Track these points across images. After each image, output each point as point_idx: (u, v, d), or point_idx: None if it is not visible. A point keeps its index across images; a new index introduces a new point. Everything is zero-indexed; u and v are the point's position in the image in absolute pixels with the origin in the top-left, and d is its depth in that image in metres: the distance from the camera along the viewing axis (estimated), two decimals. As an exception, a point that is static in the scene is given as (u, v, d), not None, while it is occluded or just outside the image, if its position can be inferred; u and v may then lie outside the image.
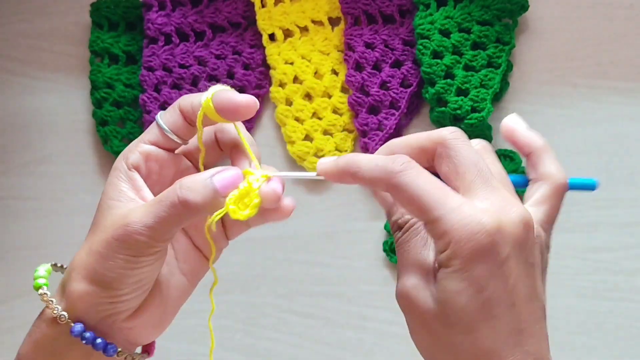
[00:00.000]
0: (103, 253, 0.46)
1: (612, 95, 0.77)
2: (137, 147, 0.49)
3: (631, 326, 0.74)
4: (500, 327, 0.41)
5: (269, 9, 0.83)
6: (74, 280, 0.47)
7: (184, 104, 0.48)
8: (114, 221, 0.46)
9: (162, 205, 0.45)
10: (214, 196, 0.45)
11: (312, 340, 0.80)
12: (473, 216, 0.41)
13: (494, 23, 0.77)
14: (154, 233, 0.45)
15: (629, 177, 0.76)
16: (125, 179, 0.48)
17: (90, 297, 0.47)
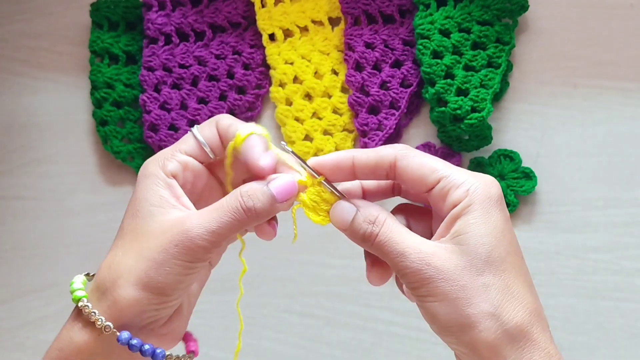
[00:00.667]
0: (159, 259, 0.46)
1: (612, 95, 0.77)
2: (175, 156, 0.50)
3: (631, 326, 0.74)
4: (520, 271, 0.46)
5: (269, 9, 0.83)
6: (122, 287, 0.47)
7: (222, 125, 0.50)
8: (168, 227, 0.47)
9: (224, 211, 0.47)
10: (272, 203, 0.47)
11: (312, 340, 0.80)
12: (479, 175, 0.47)
13: (494, 23, 0.77)
14: (216, 238, 0.46)
15: (629, 177, 0.76)
16: (165, 185, 0.49)
17: (140, 305, 0.47)
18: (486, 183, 0.46)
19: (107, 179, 0.86)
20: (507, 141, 0.78)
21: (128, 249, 0.48)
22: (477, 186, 0.46)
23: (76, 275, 0.50)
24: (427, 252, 0.45)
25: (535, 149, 0.78)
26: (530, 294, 0.45)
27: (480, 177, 0.46)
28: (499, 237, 0.45)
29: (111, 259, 0.48)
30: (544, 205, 0.77)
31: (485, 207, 0.45)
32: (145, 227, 0.47)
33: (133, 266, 0.47)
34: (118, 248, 0.48)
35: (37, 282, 0.86)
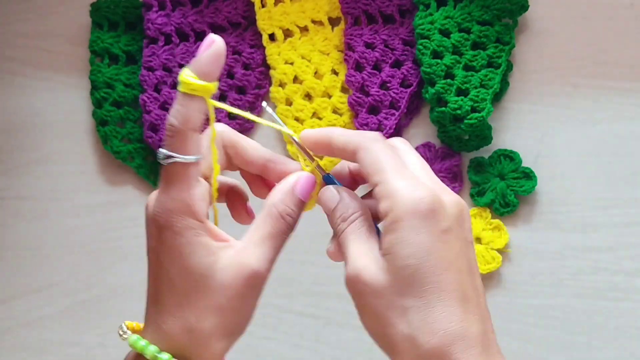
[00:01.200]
0: (239, 306, 0.47)
1: (612, 95, 0.77)
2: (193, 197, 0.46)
3: (631, 326, 0.74)
4: (448, 290, 0.44)
5: (269, 9, 0.83)
6: (215, 346, 0.46)
7: (190, 123, 0.45)
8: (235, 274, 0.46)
9: (276, 238, 0.48)
10: (302, 207, 0.49)
11: (312, 340, 0.80)
12: (419, 186, 0.45)
13: (494, 23, 0.77)
14: (272, 265, 0.48)
15: (629, 177, 0.76)
16: (203, 232, 0.46)
17: (228, 348, 0.48)
18: (416, 198, 0.44)
19: (107, 179, 0.86)
20: (507, 141, 0.78)
21: (201, 307, 0.46)
22: (404, 201, 0.44)
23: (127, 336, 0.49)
24: (361, 266, 0.45)
25: (536, 149, 0.78)
26: (458, 313, 0.43)
27: (416, 189, 0.44)
28: (423, 257, 0.43)
29: (184, 323, 0.46)
30: (544, 205, 0.77)
31: (409, 225, 0.43)
32: (210, 281, 0.46)
33: (220, 322, 0.46)
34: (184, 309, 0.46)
35: (37, 282, 0.86)
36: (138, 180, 0.85)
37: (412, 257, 0.43)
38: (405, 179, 0.45)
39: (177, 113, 0.45)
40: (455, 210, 0.45)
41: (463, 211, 0.46)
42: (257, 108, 0.84)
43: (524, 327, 0.76)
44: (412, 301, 0.43)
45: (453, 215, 0.45)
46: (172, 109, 0.45)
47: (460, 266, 0.44)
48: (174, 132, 0.45)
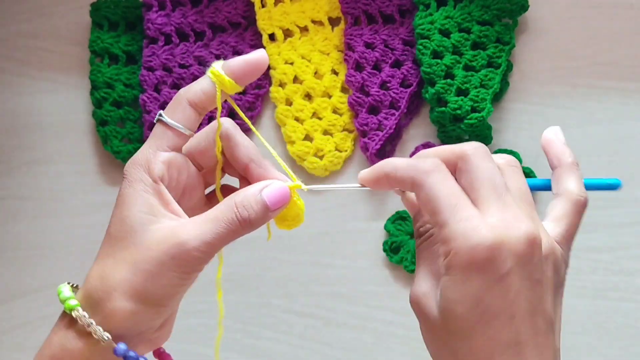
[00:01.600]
0: (154, 272, 0.46)
1: (612, 95, 0.77)
2: (157, 156, 0.48)
3: (631, 326, 0.74)
4: (497, 338, 0.43)
5: (269, 9, 0.83)
6: (118, 300, 0.46)
7: (190, 94, 0.48)
8: (162, 239, 0.46)
9: (219, 222, 0.46)
10: (265, 212, 0.47)
11: (312, 340, 0.80)
12: (477, 229, 0.42)
13: (494, 23, 0.77)
14: (211, 249, 0.46)
15: (629, 177, 0.76)
16: (153, 192, 0.47)
17: (136, 316, 0.46)
18: (474, 244, 0.42)
19: (107, 178, 0.86)
20: (507, 141, 0.78)
21: (119, 259, 0.47)
22: (460, 249, 0.42)
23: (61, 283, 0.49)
24: (421, 293, 0.45)
25: (535, 149, 0.78)
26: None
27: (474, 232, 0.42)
28: (471, 305, 0.42)
29: (101, 269, 0.47)
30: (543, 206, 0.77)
31: (462, 272, 0.42)
32: (137, 238, 0.46)
33: (128, 278, 0.46)
34: (108, 257, 0.47)
35: (37, 282, 0.86)
36: (138, 180, 0.85)
37: (460, 304, 0.43)
38: (462, 220, 0.43)
39: (188, 86, 0.48)
40: (520, 247, 0.43)
41: (533, 247, 0.43)
42: (257, 108, 0.84)
43: (524, 327, 0.76)
44: (459, 344, 0.43)
45: (516, 254, 0.43)
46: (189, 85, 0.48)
47: (515, 310, 0.43)
48: (174, 99, 0.48)
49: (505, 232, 0.42)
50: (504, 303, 0.43)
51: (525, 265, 0.43)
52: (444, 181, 0.44)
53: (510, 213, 0.44)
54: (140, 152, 0.48)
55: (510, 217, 0.44)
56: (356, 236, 0.80)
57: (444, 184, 0.44)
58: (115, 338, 0.46)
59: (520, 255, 0.43)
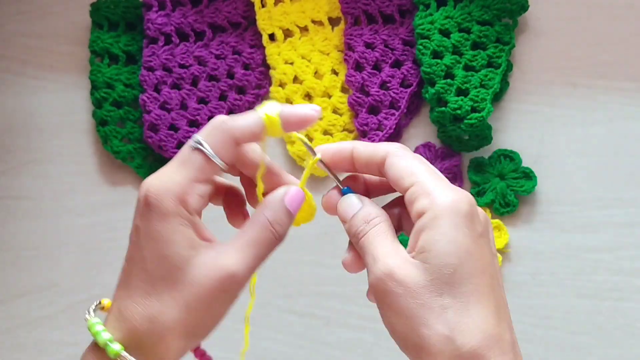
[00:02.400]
0: (208, 308, 0.45)
1: (612, 95, 0.77)
2: (194, 188, 0.45)
3: (631, 326, 0.74)
4: (485, 294, 0.43)
5: (269, 8, 0.83)
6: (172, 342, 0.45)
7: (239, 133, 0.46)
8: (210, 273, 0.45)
9: (261, 246, 0.46)
10: (291, 220, 0.48)
11: (311, 340, 0.80)
12: (455, 188, 0.45)
13: (494, 23, 0.77)
14: (252, 273, 0.46)
15: (629, 177, 0.76)
16: (191, 225, 0.45)
17: (185, 350, 0.46)
18: (456, 197, 0.44)
19: (107, 178, 0.86)
20: (507, 141, 0.78)
21: (168, 299, 0.44)
22: (445, 199, 0.44)
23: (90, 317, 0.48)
24: (393, 265, 0.44)
25: (536, 149, 0.78)
26: (493, 317, 0.43)
27: (453, 190, 0.45)
28: (464, 257, 0.43)
29: (149, 311, 0.44)
30: (544, 205, 0.77)
31: (451, 223, 0.43)
32: (183, 275, 0.44)
33: (182, 318, 0.44)
34: (150, 296, 0.45)
35: (36, 282, 0.86)
36: (138, 181, 0.85)
37: (453, 256, 0.43)
38: (441, 180, 0.45)
39: (237, 117, 0.47)
40: (484, 218, 0.46)
41: (489, 222, 0.47)
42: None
43: (523, 327, 0.76)
44: (451, 301, 0.43)
45: (484, 223, 0.45)
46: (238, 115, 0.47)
47: (492, 273, 0.44)
48: (220, 128, 0.46)
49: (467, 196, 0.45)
50: (485, 261, 0.44)
51: (488, 235, 0.46)
52: (416, 157, 0.47)
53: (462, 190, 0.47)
54: (173, 181, 0.45)
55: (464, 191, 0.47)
56: (356, 236, 0.80)
57: (418, 158, 0.47)
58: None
59: (485, 224, 0.46)
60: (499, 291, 0.45)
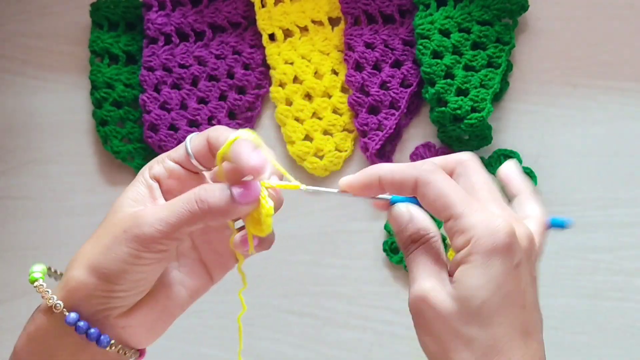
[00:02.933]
0: (108, 245, 0.47)
1: (612, 95, 0.77)
2: (163, 161, 0.50)
3: (631, 326, 0.74)
4: (514, 324, 0.44)
5: (269, 9, 0.83)
6: (74, 269, 0.48)
7: (212, 135, 0.49)
8: (126, 216, 0.48)
9: (177, 202, 0.47)
10: (229, 201, 0.47)
11: (311, 340, 0.80)
12: (494, 217, 0.44)
13: (494, 23, 0.77)
14: (165, 227, 0.46)
15: (629, 177, 0.76)
16: (146, 185, 0.50)
17: (87, 288, 0.47)
18: (493, 230, 0.44)
19: (107, 178, 0.86)
20: (507, 141, 0.78)
21: (93, 238, 0.49)
22: (481, 236, 0.44)
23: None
24: (429, 288, 0.45)
25: (535, 149, 0.78)
26: (522, 348, 0.44)
27: (491, 220, 0.44)
28: (493, 290, 0.44)
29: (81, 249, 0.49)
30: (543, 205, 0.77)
31: (485, 258, 0.44)
32: (113, 216, 0.49)
33: (88, 250, 0.48)
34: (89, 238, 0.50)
35: (37, 282, 0.86)
36: (138, 180, 0.86)
37: (482, 289, 0.44)
38: (478, 211, 0.45)
39: (218, 129, 0.50)
40: (526, 243, 0.45)
41: (532, 244, 0.46)
42: (257, 108, 0.84)
43: (524, 327, 0.76)
44: (478, 332, 0.44)
45: (524, 247, 0.45)
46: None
47: (525, 301, 0.45)
48: (203, 133, 0.50)
49: (514, 224, 0.45)
50: (518, 291, 0.44)
51: (529, 259, 0.46)
52: (449, 180, 0.46)
53: (509, 212, 0.47)
54: (157, 157, 0.51)
55: (511, 214, 0.46)
56: (356, 236, 0.80)
57: (450, 182, 0.46)
58: (72, 309, 0.48)
59: (526, 248, 0.45)
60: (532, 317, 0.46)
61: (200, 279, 0.53)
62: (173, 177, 0.50)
